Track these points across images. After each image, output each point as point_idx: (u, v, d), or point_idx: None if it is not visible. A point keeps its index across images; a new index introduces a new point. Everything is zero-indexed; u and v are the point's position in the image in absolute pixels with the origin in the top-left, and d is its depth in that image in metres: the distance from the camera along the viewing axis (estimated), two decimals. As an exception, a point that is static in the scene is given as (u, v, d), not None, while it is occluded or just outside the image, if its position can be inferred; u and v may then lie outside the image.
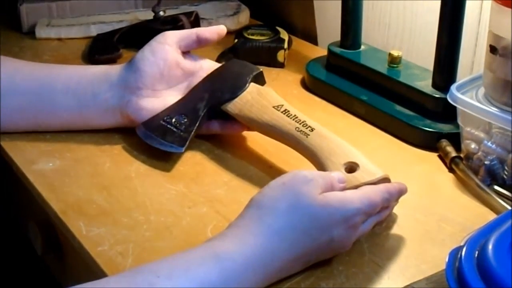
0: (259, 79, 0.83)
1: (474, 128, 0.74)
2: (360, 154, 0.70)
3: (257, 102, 0.78)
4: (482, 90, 0.76)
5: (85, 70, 0.82)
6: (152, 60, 0.78)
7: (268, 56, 1.03)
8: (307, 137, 0.73)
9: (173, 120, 0.79)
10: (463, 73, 0.87)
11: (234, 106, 0.79)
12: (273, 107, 0.77)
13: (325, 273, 0.60)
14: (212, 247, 0.55)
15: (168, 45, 0.79)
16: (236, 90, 0.80)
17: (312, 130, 0.74)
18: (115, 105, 0.79)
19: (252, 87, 0.81)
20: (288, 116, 0.76)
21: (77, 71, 0.82)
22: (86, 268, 0.65)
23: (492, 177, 0.72)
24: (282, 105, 0.77)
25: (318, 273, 0.60)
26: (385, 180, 0.67)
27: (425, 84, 0.85)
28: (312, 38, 1.16)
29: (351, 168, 0.68)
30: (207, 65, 0.84)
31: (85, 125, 0.81)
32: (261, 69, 0.83)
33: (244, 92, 0.80)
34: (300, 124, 0.75)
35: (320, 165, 0.71)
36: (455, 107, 0.75)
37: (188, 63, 0.82)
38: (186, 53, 0.83)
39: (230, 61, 0.87)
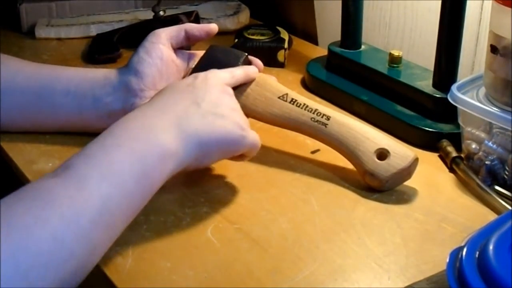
0: (246, 63, 0.81)
1: (474, 128, 0.74)
2: (384, 137, 0.72)
3: (259, 94, 0.77)
4: (482, 90, 0.75)
5: (86, 73, 0.82)
6: (149, 61, 0.78)
7: (268, 56, 1.02)
8: (325, 127, 0.73)
9: None
10: (463, 73, 0.86)
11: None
12: (279, 97, 0.76)
13: (325, 273, 0.60)
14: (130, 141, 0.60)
15: (161, 43, 0.79)
16: None
17: (328, 118, 0.74)
18: (118, 109, 0.79)
19: None
20: (298, 106, 0.75)
21: (78, 73, 0.82)
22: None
23: (493, 177, 0.72)
24: (287, 94, 0.77)
25: (319, 273, 0.60)
26: (416, 161, 0.72)
27: (425, 84, 0.85)
28: (312, 38, 1.16)
29: (382, 154, 0.71)
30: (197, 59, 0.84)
31: (85, 128, 0.81)
32: (245, 54, 0.80)
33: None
34: (314, 113, 0.74)
35: (349, 156, 0.72)
36: (455, 107, 0.75)
37: (180, 59, 0.82)
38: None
39: (210, 50, 0.82)
